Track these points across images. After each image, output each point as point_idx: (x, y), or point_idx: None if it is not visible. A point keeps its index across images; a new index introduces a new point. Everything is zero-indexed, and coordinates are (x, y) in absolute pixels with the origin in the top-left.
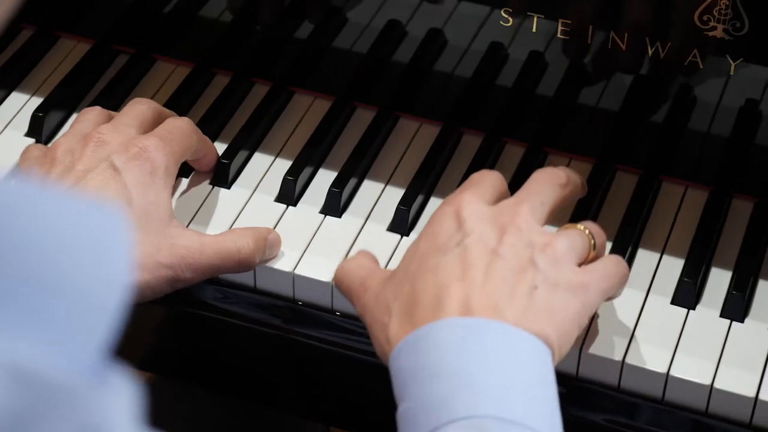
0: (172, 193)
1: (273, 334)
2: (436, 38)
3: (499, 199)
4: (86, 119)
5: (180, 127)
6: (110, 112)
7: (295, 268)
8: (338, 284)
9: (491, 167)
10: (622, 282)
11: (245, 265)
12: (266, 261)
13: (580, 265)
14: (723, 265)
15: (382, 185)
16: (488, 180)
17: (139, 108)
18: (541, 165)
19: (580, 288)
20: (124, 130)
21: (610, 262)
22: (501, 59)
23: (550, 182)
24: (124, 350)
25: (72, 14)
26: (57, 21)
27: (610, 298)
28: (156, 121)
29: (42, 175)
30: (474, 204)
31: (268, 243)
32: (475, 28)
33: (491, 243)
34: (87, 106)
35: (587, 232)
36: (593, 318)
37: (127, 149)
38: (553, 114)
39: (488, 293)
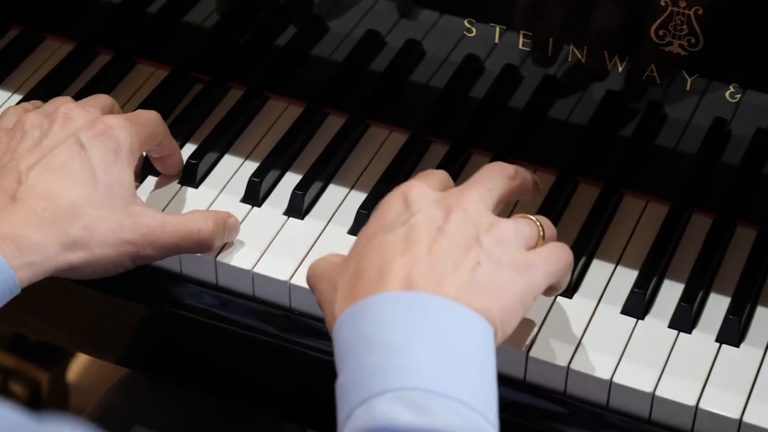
0: (141, 189)
1: (234, 331)
2: (413, 49)
3: (446, 190)
4: (56, 101)
5: (146, 115)
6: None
7: (254, 267)
8: (307, 280)
9: (455, 176)
10: (567, 268)
11: (204, 245)
12: (228, 247)
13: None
14: (676, 278)
15: (346, 190)
16: (436, 173)
17: (103, 97)
18: None
19: (524, 266)
20: (90, 110)
21: (555, 247)
22: (473, 71)
23: (499, 173)
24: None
25: (58, 16)
26: (43, 22)
27: (553, 290)
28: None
29: (11, 148)
30: (422, 188)
31: (227, 227)
32: (445, 39)
33: (437, 221)
34: None
35: (538, 223)
36: (542, 322)
37: (93, 126)
38: (518, 125)
39: (431, 268)
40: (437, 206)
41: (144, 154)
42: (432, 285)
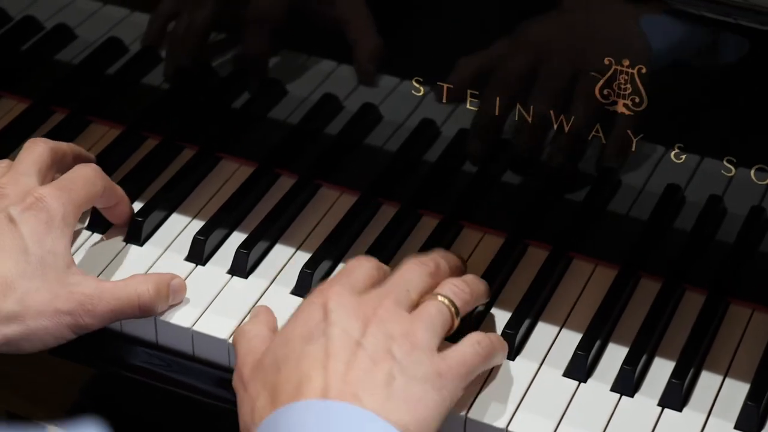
0: (85, 246)
1: (175, 391)
2: (369, 112)
3: (374, 285)
4: None
5: (82, 175)
6: (9, 161)
7: (194, 325)
8: (234, 344)
9: (403, 237)
10: (484, 360)
11: (146, 310)
12: (172, 308)
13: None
14: (621, 342)
15: (292, 250)
16: (363, 269)
17: (35, 151)
18: (455, 237)
19: (437, 378)
20: (21, 180)
21: (468, 346)
22: (429, 134)
23: (419, 271)
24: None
25: (11, 75)
26: None
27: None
28: (56, 162)
29: None
30: (341, 296)
31: (171, 289)
32: (404, 101)
33: (355, 334)
34: None
35: (446, 301)
36: (483, 384)
37: (23, 200)
38: (468, 187)
39: (348, 383)
40: (354, 318)
41: None
42: (350, 398)
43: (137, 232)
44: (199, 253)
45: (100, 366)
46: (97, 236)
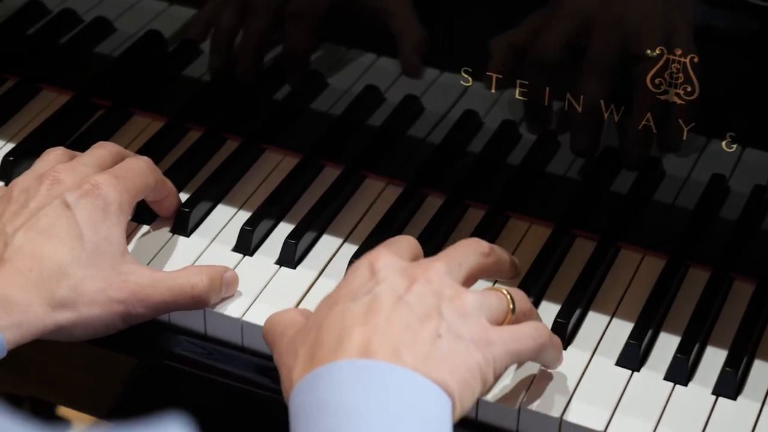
0: (133, 237)
1: (223, 382)
2: (411, 103)
3: (414, 260)
4: (47, 159)
5: (136, 166)
6: (73, 152)
7: (243, 315)
8: (264, 335)
9: (451, 228)
10: (540, 348)
11: (199, 302)
12: (223, 300)
13: (495, 325)
14: (672, 331)
15: (339, 240)
16: (404, 241)
17: (99, 152)
18: (501, 228)
19: (485, 343)
20: (79, 168)
21: (527, 326)
22: (472, 125)
23: (473, 249)
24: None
25: (55, 67)
26: (40, 73)
27: (545, 369)
28: (116, 163)
29: None
30: (389, 257)
31: (224, 281)
32: (446, 92)
33: (399, 291)
34: None
35: (508, 296)
36: (536, 375)
37: (80, 186)
38: (515, 178)
39: (390, 338)
40: (402, 276)
41: None
42: (389, 354)
43: (184, 223)
44: (246, 244)
45: (144, 356)
46: (143, 227)
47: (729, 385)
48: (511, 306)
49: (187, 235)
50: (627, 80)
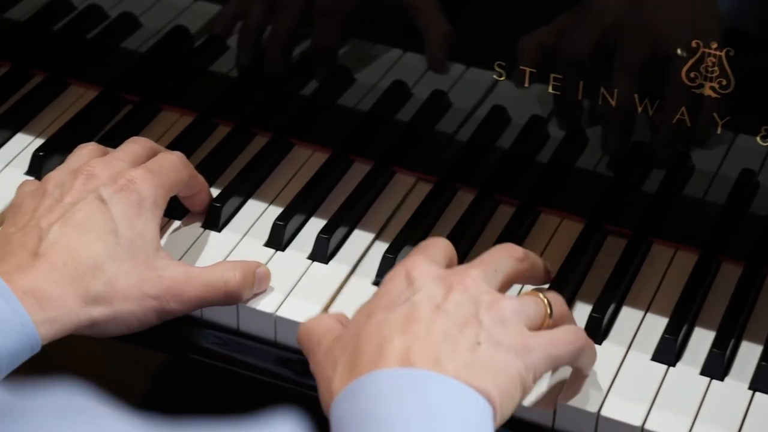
0: (164, 233)
1: (256, 378)
2: (438, 99)
3: (450, 264)
4: (80, 154)
5: (170, 161)
6: (105, 148)
7: (277, 310)
8: (299, 341)
9: (482, 224)
10: (577, 351)
11: (232, 297)
12: (256, 295)
13: (533, 330)
14: (707, 325)
15: (371, 236)
16: (438, 245)
17: (132, 147)
18: (533, 224)
19: (524, 349)
20: (114, 163)
21: (565, 331)
22: (500, 120)
23: (507, 254)
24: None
25: (83, 62)
26: (68, 68)
27: (579, 371)
28: (149, 159)
29: (32, 208)
30: (425, 264)
31: (256, 277)
32: (474, 88)
33: (437, 299)
34: None
35: (545, 300)
36: (572, 370)
37: (115, 181)
38: (545, 173)
39: (430, 347)
40: (439, 284)
41: None
42: (430, 363)
43: (215, 218)
44: (278, 239)
45: (173, 352)
46: (174, 222)
47: (765, 380)
48: (549, 311)
49: (219, 231)
50: (662, 74)
